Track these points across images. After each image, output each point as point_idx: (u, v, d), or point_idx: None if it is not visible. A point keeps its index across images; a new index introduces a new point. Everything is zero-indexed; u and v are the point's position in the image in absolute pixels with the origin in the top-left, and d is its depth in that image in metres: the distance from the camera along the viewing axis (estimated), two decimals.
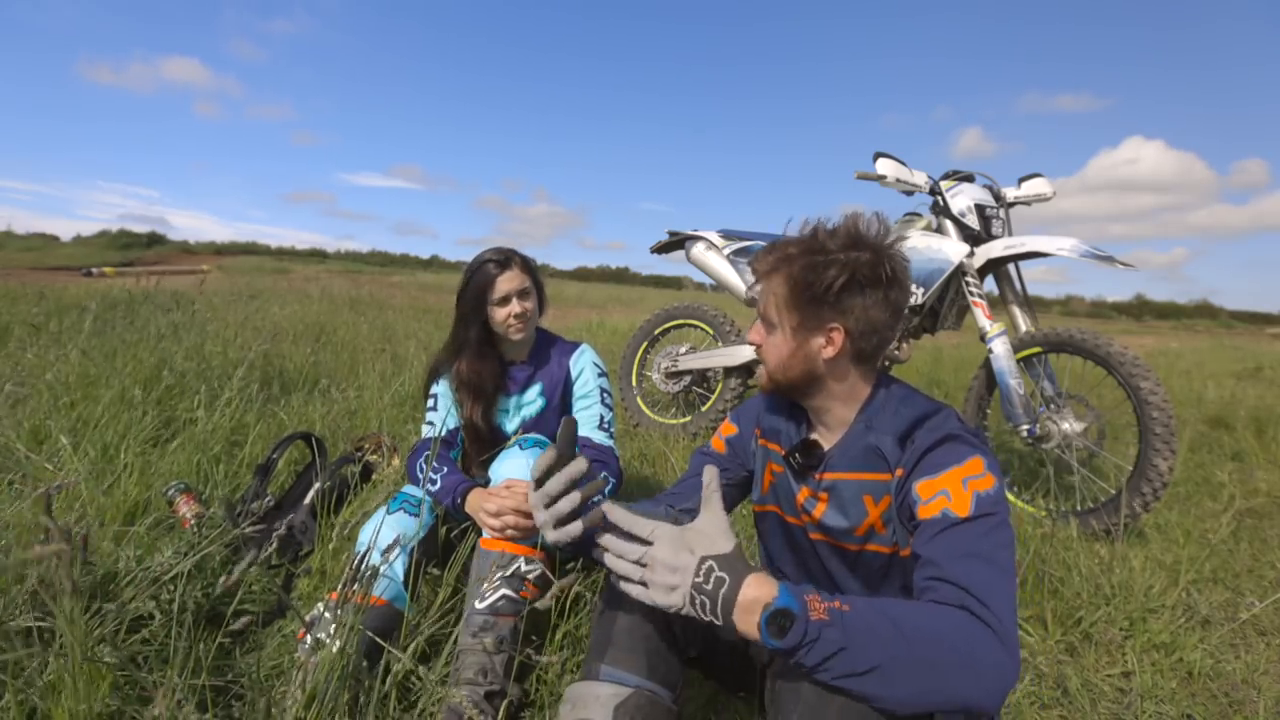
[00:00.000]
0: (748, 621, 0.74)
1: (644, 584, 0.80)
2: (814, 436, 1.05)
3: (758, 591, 0.74)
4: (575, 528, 0.86)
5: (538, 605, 0.90)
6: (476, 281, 1.53)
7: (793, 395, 1.03)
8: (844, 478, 0.97)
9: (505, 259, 1.54)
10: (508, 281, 1.52)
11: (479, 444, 1.61)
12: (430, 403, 1.62)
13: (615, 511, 0.84)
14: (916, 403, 0.97)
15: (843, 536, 0.99)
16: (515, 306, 1.53)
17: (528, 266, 1.58)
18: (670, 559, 0.78)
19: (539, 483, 0.88)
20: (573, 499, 0.86)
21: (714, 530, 0.81)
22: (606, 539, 0.84)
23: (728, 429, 1.19)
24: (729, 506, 1.20)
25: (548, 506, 0.87)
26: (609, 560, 0.83)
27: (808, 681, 0.75)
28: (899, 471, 0.91)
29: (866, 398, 1.00)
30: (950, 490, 0.84)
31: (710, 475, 0.87)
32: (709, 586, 0.76)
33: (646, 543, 0.81)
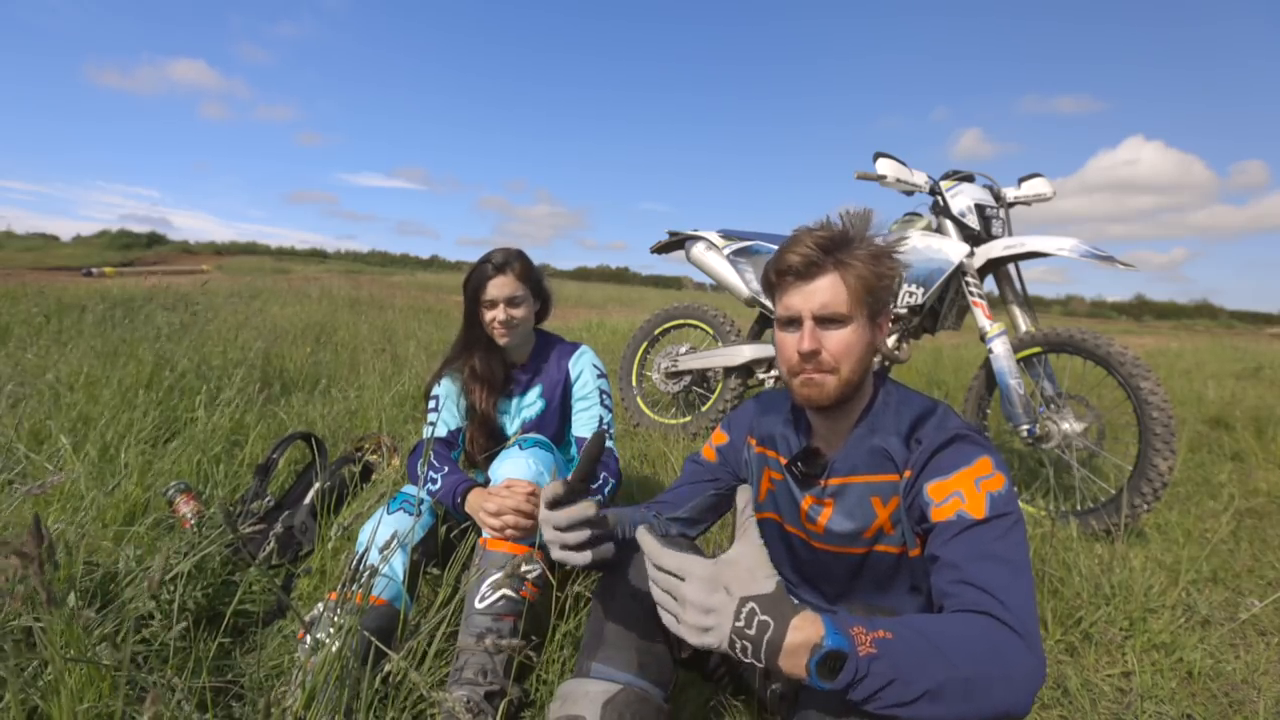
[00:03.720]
0: (794, 664, 0.68)
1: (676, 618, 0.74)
2: (814, 444, 1.04)
3: (805, 634, 0.68)
4: (583, 557, 0.87)
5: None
6: (474, 280, 1.56)
7: (842, 400, 0.97)
8: (851, 481, 0.97)
9: (503, 264, 1.54)
10: (497, 287, 1.53)
11: (488, 437, 1.63)
12: (431, 404, 1.63)
13: (644, 539, 0.78)
14: (914, 401, 0.98)
15: (850, 541, 0.99)
16: (500, 313, 1.53)
17: (527, 274, 1.57)
18: (703, 599, 0.71)
19: (551, 504, 0.88)
20: (579, 535, 0.87)
21: (752, 565, 0.73)
22: (648, 565, 0.77)
23: (719, 437, 1.19)
24: (717, 515, 1.20)
25: (556, 529, 0.88)
26: (653, 589, 0.77)
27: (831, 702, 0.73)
28: (908, 472, 0.91)
29: (869, 400, 1.00)
30: (964, 492, 0.84)
31: (744, 499, 0.80)
32: (751, 631, 0.69)
33: (676, 577, 0.74)
